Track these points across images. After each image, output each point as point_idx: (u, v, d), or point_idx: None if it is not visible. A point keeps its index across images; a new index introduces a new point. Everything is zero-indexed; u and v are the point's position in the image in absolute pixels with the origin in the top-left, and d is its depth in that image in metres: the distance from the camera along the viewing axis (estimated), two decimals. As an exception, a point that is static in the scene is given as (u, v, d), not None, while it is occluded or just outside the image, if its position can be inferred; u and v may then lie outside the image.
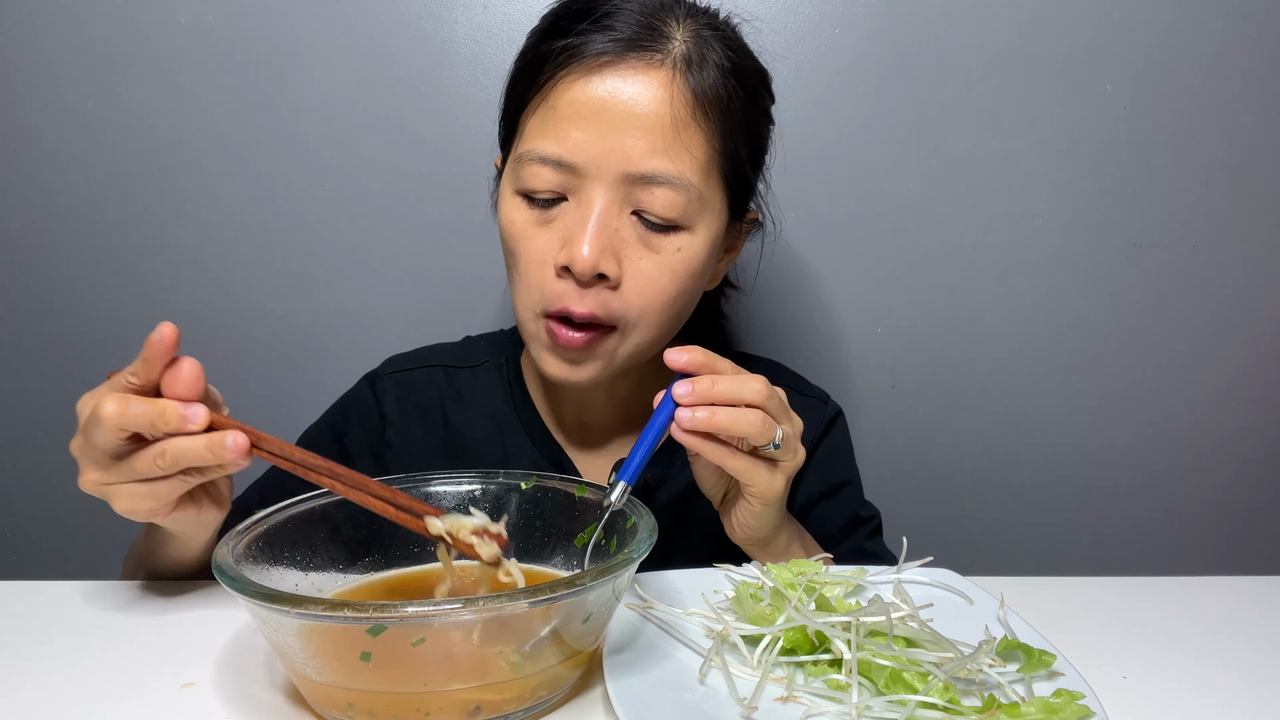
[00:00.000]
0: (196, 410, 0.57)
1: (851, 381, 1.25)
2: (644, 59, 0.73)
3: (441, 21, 1.17)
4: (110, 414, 0.56)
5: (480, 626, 0.48)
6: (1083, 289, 1.23)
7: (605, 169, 0.73)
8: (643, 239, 0.75)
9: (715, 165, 0.76)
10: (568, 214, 0.75)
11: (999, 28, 1.16)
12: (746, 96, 0.78)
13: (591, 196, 0.74)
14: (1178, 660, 0.61)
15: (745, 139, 0.79)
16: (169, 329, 0.58)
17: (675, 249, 0.76)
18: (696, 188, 0.74)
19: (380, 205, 1.21)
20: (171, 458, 0.58)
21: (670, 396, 0.64)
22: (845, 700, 0.51)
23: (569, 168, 0.74)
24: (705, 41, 0.76)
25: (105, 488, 0.60)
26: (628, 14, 0.75)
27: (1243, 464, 1.28)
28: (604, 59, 0.73)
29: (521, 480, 0.67)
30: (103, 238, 1.22)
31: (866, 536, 0.91)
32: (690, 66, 0.74)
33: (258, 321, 1.24)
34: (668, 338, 0.81)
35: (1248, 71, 1.17)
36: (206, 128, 1.19)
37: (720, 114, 0.76)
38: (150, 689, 0.55)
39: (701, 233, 0.77)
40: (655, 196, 0.74)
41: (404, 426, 0.91)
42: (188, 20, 1.17)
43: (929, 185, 1.20)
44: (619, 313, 0.76)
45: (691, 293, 0.80)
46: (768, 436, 0.65)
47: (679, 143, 0.73)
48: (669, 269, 0.76)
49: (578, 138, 0.73)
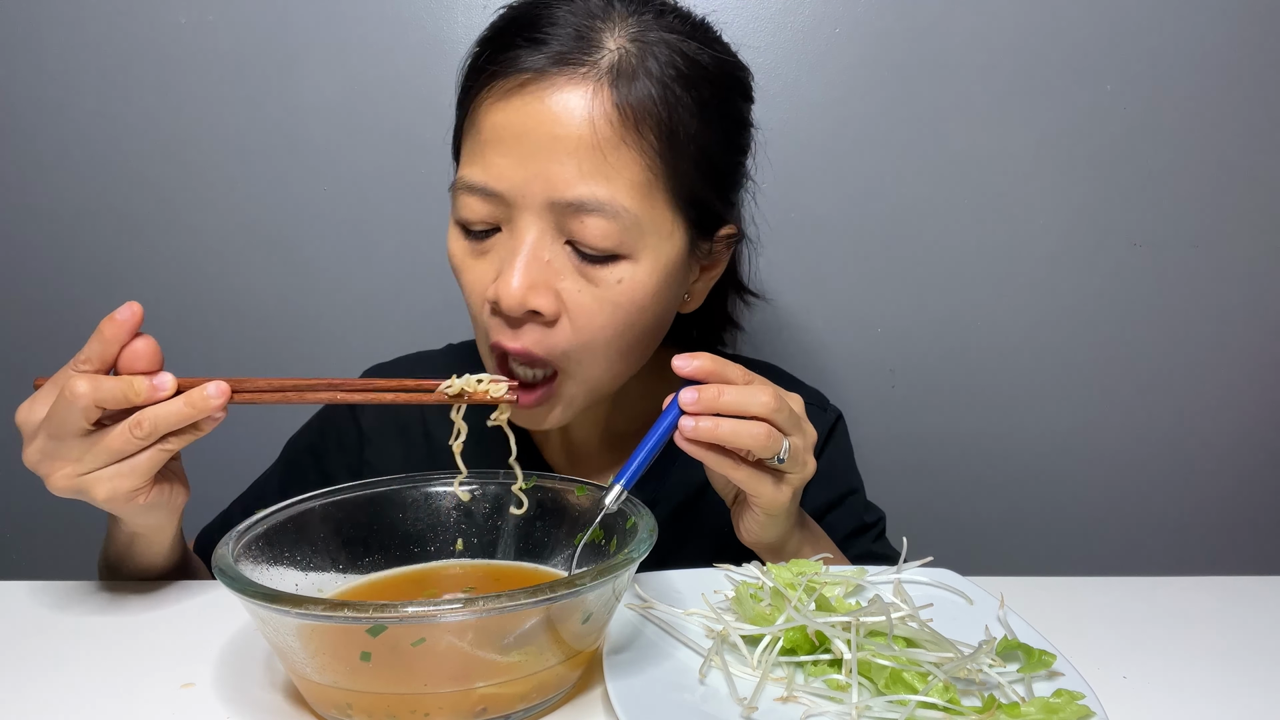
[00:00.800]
0: (164, 378, 0.58)
1: (851, 381, 1.25)
2: (567, 74, 0.66)
3: (441, 21, 1.17)
4: (84, 392, 0.56)
5: (480, 626, 0.48)
6: (1082, 289, 1.23)
7: (531, 197, 0.67)
8: (580, 270, 0.69)
9: (659, 186, 0.69)
10: (501, 245, 0.70)
11: (999, 28, 1.16)
12: (699, 106, 0.70)
13: (521, 226, 0.68)
14: (1178, 660, 0.61)
15: (701, 152, 0.71)
16: (137, 307, 0.59)
17: (615, 280, 0.69)
18: (632, 213, 0.67)
19: (380, 205, 1.21)
20: (149, 425, 0.58)
21: (676, 402, 0.63)
22: (845, 700, 0.51)
23: (496, 196, 0.68)
24: (646, 48, 0.68)
25: (81, 479, 0.59)
26: (560, 23, 0.68)
27: (1243, 464, 1.28)
28: (525, 76, 0.67)
29: (521, 480, 0.67)
30: (103, 238, 1.23)
31: (873, 540, 0.91)
32: (619, 79, 0.67)
33: (256, 321, 1.24)
34: (628, 369, 0.76)
35: (1248, 71, 1.17)
36: (206, 128, 1.19)
37: (660, 129, 0.68)
38: (150, 689, 0.55)
39: (647, 261, 0.69)
40: (586, 225, 0.67)
41: (383, 445, 0.88)
42: (188, 20, 1.17)
43: (929, 185, 1.20)
44: (557, 350, 0.70)
45: (644, 326, 0.73)
46: (772, 450, 0.63)
47: (608, 165, 0.66)
48: (610, 302, 0.69)
49: (501, 164, 0.67)
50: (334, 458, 0.89)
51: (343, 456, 0.89)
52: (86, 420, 0.58)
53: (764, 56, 1.17)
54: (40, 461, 0.60)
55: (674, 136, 0.69)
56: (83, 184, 1.21)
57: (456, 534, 0.67)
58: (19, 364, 1.26)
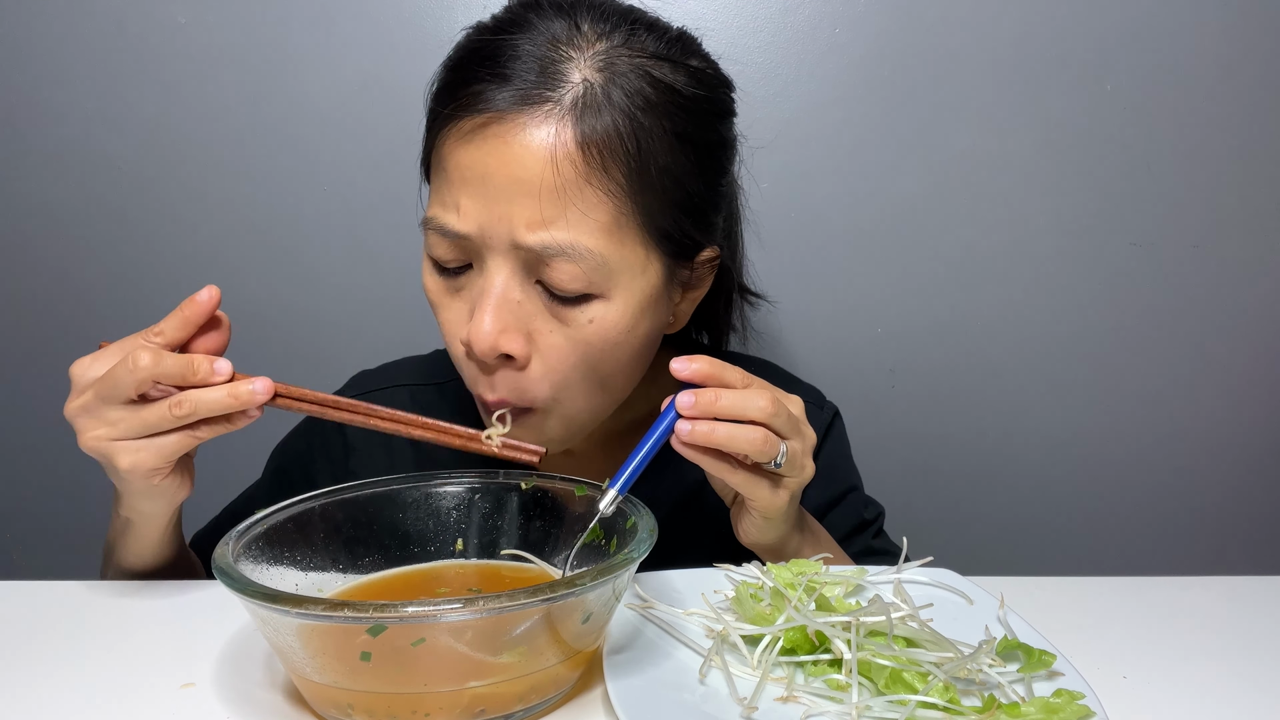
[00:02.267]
0: (224, 364, 0.60)
1: (852, 382, 1.25)
2: (529, 114, 0.64)
3: (441, 21, 1.17)
4: (146, 364, 0.58)
5: (480, 626, 0.48)
6: (1082, 289, 1.23)
7: (497, 239, 0.65)
8: (551, 310, 0.67)
9: (628, 223, 0.66)
10: (474, 283, 0.68)
11: (999, 28, 1.16)
12: (674, 133, 0.67)
13: (491, 268, 0.66)
14: (1178, 660, 0.61)
15: (674, 183, 0.68)
16: (216, 292, 0.61)
17: (587, 320, 0.67)
18: (599, 254, 0.65)
19: (380, 205, 1.21)
20: (190, 406, 0.59)
21: (674, 405, 0.63)
22: (845, 700, 0.51)
23: (464, 238, 0.66)
24: (613, 77, 0.65)
25: (111, 444, 0.60)
26: (525, 56, 0.65)
27: (1242, 464, 1.28)
28: (486, 116, 0.64)
29: (521, 480, 0.67)
30: (102, 238, 1.23)
31: (873, 536, 0.91)
32: (585, 114, 0.64)
33: (255, 321, 1.24)
34: (610, 400, 0.75)
35: (1248, 71, 1.17)
36: (206, 127, 1.19)
37: (628, 164, 0.65)
38: (150, 689, 0.55)
39: (619, 299, 0.68)
40: (553, 269, 0.65)
41: (369, 455, 0.87)
42: (188, 20, 1.17)
43: (929, 185, 1.20)
44: (530, 394, 0.69)
45: (621, 358, 0.71)
46: (769, 455, 0.63)
47: (571, 208, 0.64)
48: (582, 342, 0.68)
49: (466, 205, 0.65)
50: (320, 466, 0.89)
51: (328, 465, 0.88)
52: (137, 391, 0.59)
53: (764, 56, 1.17)
54: (78, 416, 0.61)
55: (643, 171, 0.66)
56: (82, 183, 1.21)
57: (456, 534, 0.67)
58: (19, 364, 1.26)
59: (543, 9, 0.68)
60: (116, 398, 0.60)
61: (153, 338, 0.61)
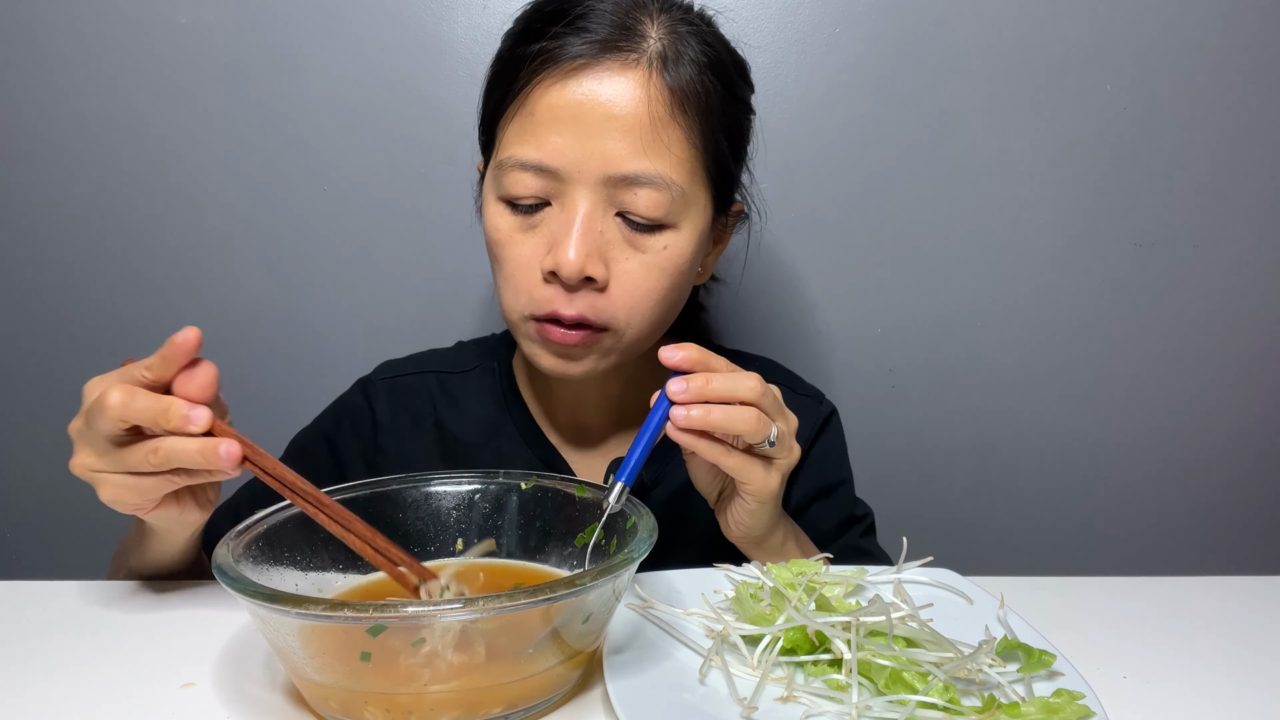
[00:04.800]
0: (200, 413, 0.57)
1: (851, 381, 1.25)
2: (619, 59, 0.73)
3: (441, 21, 1.16)
4: (115, 404, 0.57)
5: (480, 626, 0.48)
6: (1082, 289, 1.23)
7: (587, 173, 0.73)
8: (629, 240, 0.75)
9: (698, 161, 0.76)
10: (552, 219, 0.75)
11: (999, 28, 1.16)
12: (725, 90, 0.78)
13: (575, 200, 0.74)
14: (1178, 660, 0.61)
15: (725, 133, 0.79)
16: (194, 333, 0.58)
17: (662, 247, 0.76)
18: (679, 186, 0.74)
19: (380, 205, 1.21)
20: (164, 456, 0.57)
21: (665, 395, 0.64)
22: (845, 700, 0.51)
23: (551, 173, 0.73)
24: (681, 38, 0.75)
25: (94, 474, 0.60)
26: (601, 14, 0.74)
27: (1243, 464, 1.28)
28: (580, 61, 0.73)
29: (521, 480, 0.67)
30: (102, 238, 1.22)
31: (860, 535, 0.92)
32: (666, 64, 0.74)
33: (255, 321, 1.24)
34: (659, 332, 0.82)
35: (1248, 71, 1.17)
36: (206, 128, 1.19)
37: (699, 110, 0.75)
38: (150, 689, 0.55)
39: (687, 230, 0.77)
40: (639, 197, 0.73)
41: (396, 432, 0.91)
42: (188, 20, 1.17)
43: (929, 185, 1.20)
44: (608, 314, 0.76)
45: (681, 289, 0.80)
46: (762, 434, 0.65)
47: (659, 142, 0.73)
48: (657, 268, 0.76)
49: (557, 142, 0.73)
50: (348, 442, 0.91)
51: (357, 442, 0.91)
52: (114, 429, 0.58)
53: (764, 56, 1.17)
54: (75, 437, 0.61)
55: (709, 116, 0.76)
56: (82, 183, 1.21)
57: (456, 534, 0.67)
58: (18, 364, 1.26)
59: None
60: (99, 432, 0.58)
61: (143, 372, 0.59)
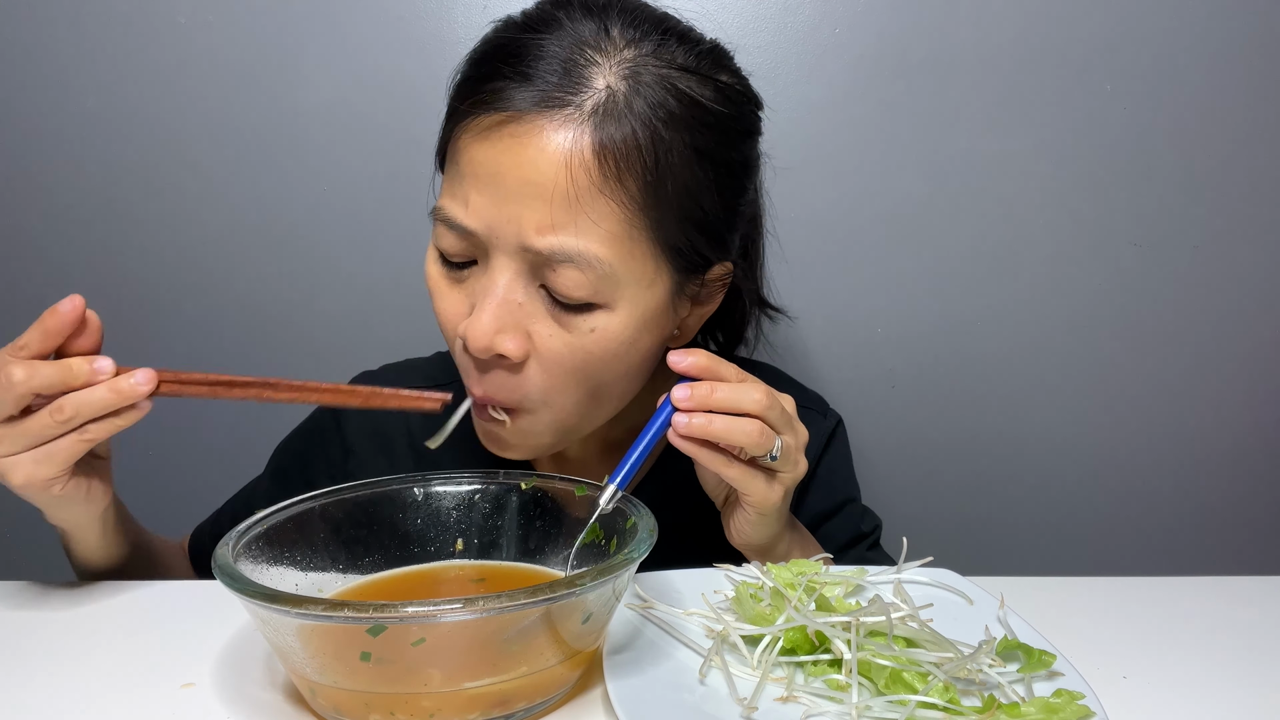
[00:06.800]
0: (104, 362, 0.58)
1: (851, 382, 1.25)
2: (548, 116, 0.63)
3: (441, 21, 1.16)
4: (20, 379, 0.56)
5: (480, 626, 0.48)
6: (1083, 290, 1.23)
7: (504, 239, 0.64)
8: (553, 315, 0.66)
9: (640, 235, 0.65)
10: (477, 279, 0.68)
11: (999, 28, 1.16)
12: (695, 149, 0.66)
13: (495, 267, 0.65)
14: (1178, 660, 0.61)
15: (690, 199, 0.67)
16: (79, 300, 0.58)
17: (589, 329, 0.66)
18: (607, 264, 0.64)
19: (381, 206, 1.21)
20: (71, 409, 0.57)
21: (669, 400, 0.63)
22: (845, 700, 0.51)
23: (471, 234, 0.65)
24: (637, 86, 0.64)
25: (1, 461, 0.59)
26: (550, 55, 0.64)
27: (1243, 464, 1.28)
28: (505, 115, 0.63)
29: (521, 480, 0.67)
30: (102, 238, 1.22)
31: (868, 548, 0.90)
32: (605, 121, 0.63)
33: (255, 320, 1.24)
34: (603, 411, 0.74)
35: (1248, 71, 1.17)
36: (206, 127, 1.19)
37: (644, 176, 0.64)
38: (150, 689, 0.55)
39: (623, 310, 0.66)
40: (559, 275, 0.64)
41: (367, 458, 0.86)
42: (188, 20, 1.17)
43: (929, 185, 1.20)
44: (522, 393, 0.68)
45: (620, 370, 0.70)
46: (765, 447, 0.64)
47: (582, 216, 0.63)
48: (582, 350, 0.67)
49: (476, 201, 0.65)
50: (318, 468, 0.88)
51: (326, 467, 0.88)
52: (16, 407, 0.57)
53: (764, 56, 1.17)
54: None
55: (659, 184, 0.65)
56: (82, 183, 1.21)
57: (456, 534, 0.67)
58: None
59: (573, 9, 0.67)
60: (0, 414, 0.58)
61: (17, 352, 0.59)
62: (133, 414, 0.60)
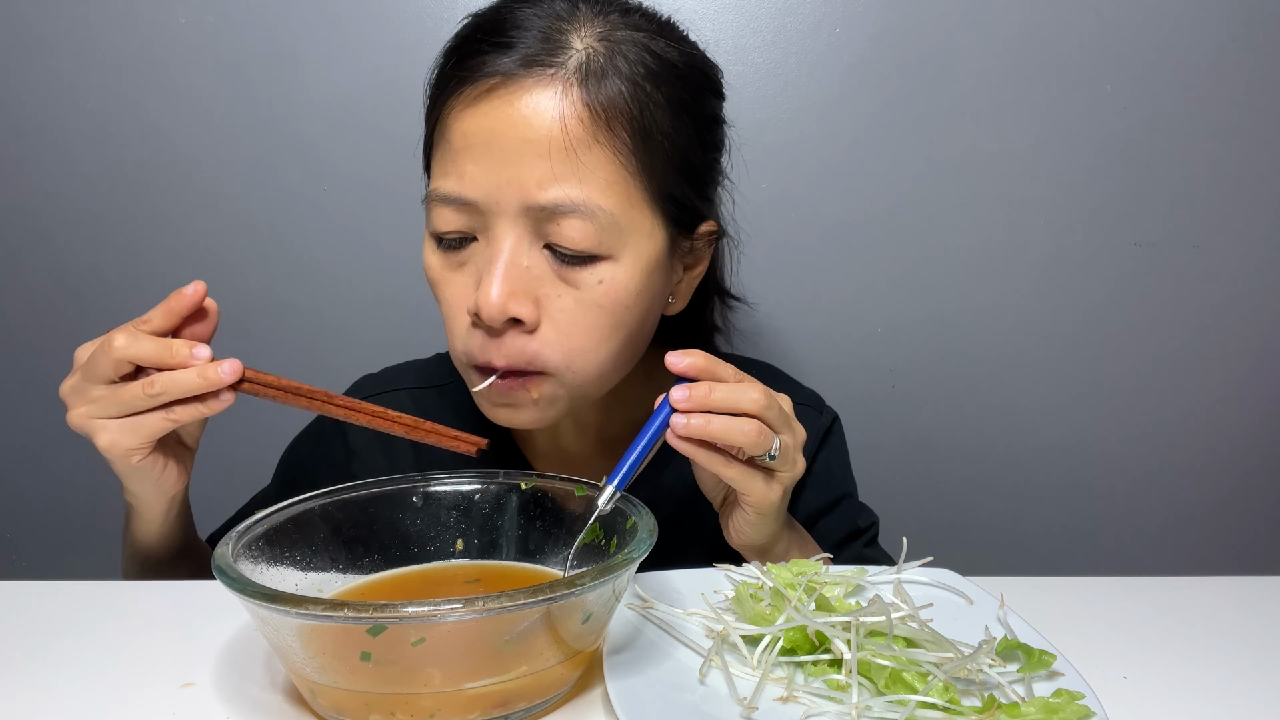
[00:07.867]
0: (203, 349, 0.61)
1: (851, 382, 1.25)
2: (535, 76, 0.66)
3: (441, 21, 1.17)
4: (120, 344, 0.60)
5: (480, 626, 0.48)
6: (1083, 289, 1.23)
7: (505, 203, 0.66)
8: (560, 274, 0.68)
9: (637, 183, 0.68)
10: (478, 255, 0.69)
11: (999, 28, 1.16)
12: (673, 101, 0.70)
13: (498, 234, 0.67)
14: (1178, 660, 0.61)
15: (675, 148, 0.70)
16: (201, 287, 0.62)
17: (596, 281, 0.68)
18: (609, 212, 0.67)
19: (381, 206, 1.21)
20: (161, 386, 0.60)
21: (667, 401, 0.63)
22: (845, 700, 0.51)
23: (469, 205, 0.67)
24: (614, 46, 0.68)
25: (91, 421, 0.62)
26: (528, 27, 0.67)
27: (1243, 464, 1.28)
28: (493, 81, 0.66)
29: (521, 480, 0.67)
30: (102, 238, 1.23)
31: (865, 545, 0.91)
32: (589, 78, 0.66)
33: (255, 320, 1.24)
34: (615, 372, 0.75)
35: (1248, 71, 1.17)
36: (206, 127, 1.19)
37: (632, 126, 0.67)
38: (150, 689, 0.55)
39: (627, 260, 0.69)
40: (563, 228, 0.66)
41: (369, 459, 0.87)
42: (188, 20, 1.17)
43: (929, 185, 1.20)
44: (542, 357, 0.69)
45: (630, 325, 0.72)
46: (763, 447, 0.64)
47: (581, 165, 0.66)
48: (593, 305, 0.69)
49: (472, 171, 0.66)
50: (323, 471, 0.89)
51: (330, 470, 0.88)
52: (115, 372, 0.61)
53: (764, 56, 1.17)
54: (68, 394, 0.63)
55: (647, 134, 0.68)
56: (82, 183, 1.21)
57: (456, 534, 0.67)
58: (19, 363, 1.26)
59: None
60: (98, 377, 0.61)
61: (140, 326, 0.63)
62: (216, 403, 0.62)
